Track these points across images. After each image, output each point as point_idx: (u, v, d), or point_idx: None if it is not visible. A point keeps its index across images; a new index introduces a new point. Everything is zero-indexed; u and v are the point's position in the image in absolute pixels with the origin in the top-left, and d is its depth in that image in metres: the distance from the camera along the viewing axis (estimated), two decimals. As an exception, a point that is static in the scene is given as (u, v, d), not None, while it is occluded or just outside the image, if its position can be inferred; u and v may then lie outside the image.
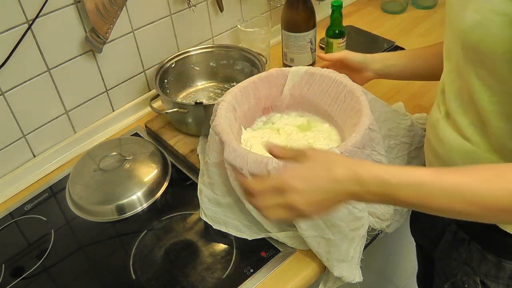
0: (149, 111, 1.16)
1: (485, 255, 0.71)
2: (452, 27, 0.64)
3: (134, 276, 0.81)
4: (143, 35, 1.09)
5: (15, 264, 0.85)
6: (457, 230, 0.76)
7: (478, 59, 0.59)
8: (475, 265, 0.73)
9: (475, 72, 0.60)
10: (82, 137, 1.08)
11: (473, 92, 0.62)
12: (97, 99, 1.08)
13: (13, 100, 0.94)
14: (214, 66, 1.19)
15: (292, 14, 1.15)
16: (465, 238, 0.74)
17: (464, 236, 0.75)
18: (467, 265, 0.74)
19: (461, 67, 0.63)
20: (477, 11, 0.55)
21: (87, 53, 1.01)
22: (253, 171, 0.72)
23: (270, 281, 0.77)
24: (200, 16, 1.19)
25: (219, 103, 0.86)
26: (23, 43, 0.89)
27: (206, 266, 0.81)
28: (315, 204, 0.57)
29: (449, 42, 0.67)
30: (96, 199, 0.93)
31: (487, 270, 0.72)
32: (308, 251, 0.79)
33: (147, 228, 0.89)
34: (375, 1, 1.56)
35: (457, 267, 0.76)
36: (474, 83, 0.61)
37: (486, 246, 0.71)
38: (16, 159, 1.00)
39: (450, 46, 0.67)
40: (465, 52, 0.61)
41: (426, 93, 1.13)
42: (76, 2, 0.94)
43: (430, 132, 0.75)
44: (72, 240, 0.89)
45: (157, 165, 0.98)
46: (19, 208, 0.96)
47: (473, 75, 0.61)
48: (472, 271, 0.74)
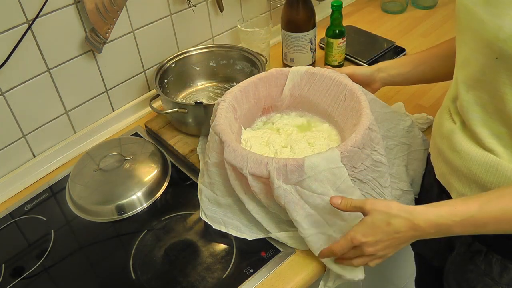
0: (149, 111, 1.16)
1: (506, 264, 0.70)
2: (477, 37, 0.61)
3: (134, 276, 0.81)
4: (143, 35, 1.09)
5: (15, 264, 0.85)
6: (472, 242, 0.75)
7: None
8: (496, 276, 0.72)
9: (510, 82, 0.58)
10: (82, 137, 1.08)
11: (504, 104, 0.60)
12: (97, 99, 1.08)
13: (13, 100, 0.94)
14: (214, 66, 1.19)
15: (292, 14, 1.15)
16: (482, 249, 0.73)
17: (481, 247, 0.74)
18: (487, 276, 0.73)
19: (488, 77, 0.61)
20: None
21: (87, 53, 1.01)
22: (253, 172, 0.72)
23: (270, 281, 0.77)
24: (200, 16, 1.19)
25: (219, 103, 0.86)
26: (23, 43, 0.89)
27: (206, 266, 0.81)
28: (387, 248, 0.67)
29: (470, 51, 0.64)
30: (96, 199, 0.93)
31: (509, 279, 0.71)
32: (308, 251, 0.79)
33: (147, 228, 0.89)
34: (375, 1, 1.56)
35: (476, 279, 0.75)
36: (508, 93, 0.59)
37: (507, 256, 0.70)
38: (16, 159, 1.00)
39: (468, 56, 0.65)
40: (501, 62, 0.58)
41: (426, 93, 1.13)
42: (76, 2, 0.94)
43: (443, 144, 0.73)
44: (72, 240, 0.89)
45: (157, 165, 0.98)
46: (19, 208, 0.96)
47: (507, 86, 0.59)
48: (493, 282, 0.72)
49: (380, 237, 0.65)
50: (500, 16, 0.56)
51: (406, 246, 0.68)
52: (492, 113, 0.63)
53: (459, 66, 0.68)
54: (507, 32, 0.55)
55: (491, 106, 0.63)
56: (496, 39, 0.57)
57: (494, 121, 0.63)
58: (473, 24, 0.61)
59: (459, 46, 0.68)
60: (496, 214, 0.58)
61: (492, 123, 0.64)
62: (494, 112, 0.63)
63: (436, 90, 1.13)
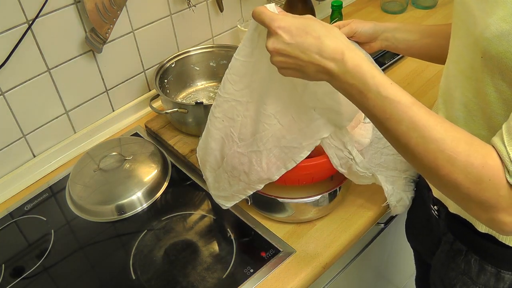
0: (149, 111, 1.16)
1: (483, 266, 0.71)
2: (469, 32, 0.58)
3: (134, 276, 0.81)
4: (143, 35, 1.09)
5: (15, 264, 0.85)
6: (453, 241, 0.75)
7: (498, 70, 0.54)
8: (474, 276, 0.72)
9: (493, 83, 0.56)
10: (82, 137, 1.08)
11: (486, 104, 0.58)
12: (97, 99, 1.08)
13: (13, 100, 0.94)
14: (214, 66, 1.19)
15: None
16: (462, 249, 0.74)
17: (461, 246, 0.74)
18: (466, 276, 0.73)
19: (475, 75, 0.59)
20: (505, 20, 0.51)
21: (87, 53, 1.01)
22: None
23: (270, 281, 0.77)
24: (200, 16, 1.19)
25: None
26: (23, 43, 0.89)
27: (206, 266, 0.81)
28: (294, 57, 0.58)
29: (461, 46, 0.61)
30: (96, 199, 0.93)
31: (486, 280, 0.71)
32: (307, 251, 0.79)
33: (147, 228, 0.89)
34: (375, 1, 1.56)
35: (456, 278, 0.75)
36: (490, 94, 0.57)
37: (485, 257, 0.70)
38: (16, 159, 1.00)
39: (461, 50, 0.62)
40: (485, 61, 0.55)
41: (426, 93, 1.13)
42: (76, 2, 0.94)
43: None
44: (72, 240, 0.89)
45: (157, 165, 0.98)
46: (19, 208, 0.96)
47: (490, 86, 0.56)
48: (471, 282, 0.73)
49: (299, 41, 0.57)
50: (488, 14, 0.53)
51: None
52: (475, 114, 0.62)
53: (453, 60, 0.65)
54: (492, 31, 0.52)
55: (475, 106, 0.61)
56: (482, 37, 0.54)
57: (476, 122, 0.62)
58: (466, 18, 0.59)
59: (453, 39, 0.66)
60: (417, 118, 0.52)
61: (473, 124, 0.62)
62: (476, 113, 0.61)
63: (436, 90, 1.13)
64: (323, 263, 0.79)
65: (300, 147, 0.72)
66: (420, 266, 1.08)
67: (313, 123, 0.71)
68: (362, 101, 0.56)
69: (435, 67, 1.21)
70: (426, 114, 0.53)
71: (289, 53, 0.58)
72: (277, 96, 0.70)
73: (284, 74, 0.62)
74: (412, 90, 1.13)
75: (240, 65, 0.68)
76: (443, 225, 0.78)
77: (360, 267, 1.03)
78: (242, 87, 0.70)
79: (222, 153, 0.76)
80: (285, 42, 0.58)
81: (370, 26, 0.83)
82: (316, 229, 0.85)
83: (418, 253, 1.03)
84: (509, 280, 0.69)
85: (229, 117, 0.72)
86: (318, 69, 0.58)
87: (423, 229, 0.89)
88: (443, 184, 0.54)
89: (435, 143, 0.51)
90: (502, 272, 0.69)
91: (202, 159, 0.81)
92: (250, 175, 0.75)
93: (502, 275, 0.69)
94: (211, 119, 0.75)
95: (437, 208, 0.79)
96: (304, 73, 0.60)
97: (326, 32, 0.57)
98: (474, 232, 0.69)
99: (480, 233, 0.68)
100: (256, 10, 0.61)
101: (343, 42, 0.57)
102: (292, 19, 0.59)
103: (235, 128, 0.73)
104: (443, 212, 0.77)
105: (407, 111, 0.53)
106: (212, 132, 0.75)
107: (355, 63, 0.55)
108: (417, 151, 0.53)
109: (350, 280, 1.03)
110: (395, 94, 0.54)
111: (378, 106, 0.54)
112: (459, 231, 0.74)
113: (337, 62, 0.56)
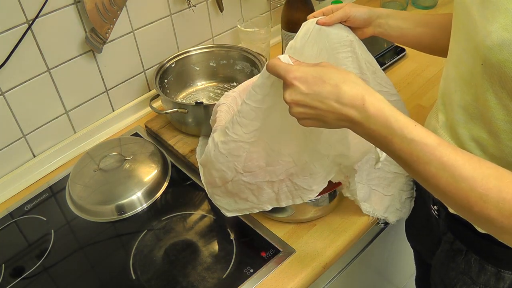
0: (149, 111, 1.16)
1: (484, 265, 0.71)
2: (469, 37, 0.58)
3: (134, 276, 0.81)
4: (143, 35, 1.09)
5: (15, 264, 0.85)
6: (453, 241, 0.76)
7: (498, 78, 0.54)
8: (474, 276, 0.72)
9: (493, 90, 0.56)
10: (82, 137, 1.08)
11: (486, 109, 0.58)
12: (97, 99, 1.08)
13: (13, 100, 0.94)
14: (214, 66, 1.19)
15: (292, 14, 1.15)
16: (462, 249, 0.74)
17: (461, 246, 0.74)
18: (466, 275, 0.73)
19: (475, 81, 0.58)
20: (507, 29, 0.50)
21: (87, 53, 1.01)
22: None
23: (270, 281, 0.77)
24: (200, 16, 1.19)
25: (219, 105, 0.86)
26: (23, 43, 0.89)
27: (206, 266, 0.81)
28: (313, 109, 0.57)
29: (461, 50, 0.61)
30: (96, 199, 0.93)
31: (486, 280, 0.71)
32: (307, 251, 0.79)
33: (147, 228, 0.89)
34: (375, 1, 1.56)
35: (456, 277, 0.75)
36: (491, 100, 0.57)
37: (485, 257, 0.71)
38: (16, 159, 1.00)
39: (461, 54, 0.61)
40: (485, 68, 0.55)
41: (426, 93, 1.13)
42: (76, 2, 0.94)
43: None
44: (72, 240, 0.89)
45: (157, 165, 0.98)
46: (19, 208, 0.96)
47: (490, 92, 0.56)
48: (471, 281, 0.73)
49: (316, 90, 0.56)
50: (490, 21, 0.52)
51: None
52: (475, 117, 0.62)
53: (453, 63, 0.65)
54: (493, 40, 0.52)
55: (475, 110, 0.61)
56: (483, 44, 0.54)
57: (476, 125, 0.62)
58: (466, 24, 0.59)
59: (452, 43, 0.66)
60: (445, 159, 0.51)
61: (473, 126, 0.62)
62: (476, 116, 0.61)
63: (436, 90, 1.13)
64: (323, 263, 0.79)
65: (310, 189, 0.75)
66: (420, 266, 1.08)
67: (325, 170, 0.73)
68: (388, 145, 0.55)
69: (435, 67, 1.21)
70: (453, 153, 0.52)
71: (308, 103, 0.57)
72: (292, 140, 0.71)
73: (304, 124, 0.61)
74: (412, 90, 1.13)
75: (250, 109, 0.68)
76: (443, 225, 0.78)
77: (360, 267, 1.03)
78: (252, 129, 0.70)
79: (223, 179, 0.76)
80: (302, 93, 0.57)
81: (364, 11, 0.81)
82: (316, 229, 0.85)
83: (418, 253, 1.03)
84: (509, 280, 0.69)
85: (235, 155, 0.72)
86: (338, 117, 0.57)
87: (423, 229, 0.89)
88: (476, 219, 0.53)
89: (465, 182, 0.51)
90: (502, 271, 0.69)
91: (203, 176, 0.81)
92: (260, 197, 0.77)
93: (502, 274, 0.69)
94: (215, 151, 0.73)
95: (437, 208, 0.79)
96: (325, 123, 0.59)
97: (343, 78, 0.56)
98: (474, 232, 0.69)
99: (480, 233, 0.68)
100: (270, 64, 0.61)
101: (362, 87, 0.56)
102: (307, 68, 0.58)
103: (239, 162, 0.73)
104: (443, 212, 0.77)
105: (435, 152, 0.52)
106: (214, 163, 0.74)
107: (377, 108, 0.54)
108: (448, 190, 0.52)
109: (350, 280, 1.03)
110: (420, 136, 0.53)
111: (404, 149, 0.53)
112: (459, 231, 0.74)
113: (358, 108, 0.55)
